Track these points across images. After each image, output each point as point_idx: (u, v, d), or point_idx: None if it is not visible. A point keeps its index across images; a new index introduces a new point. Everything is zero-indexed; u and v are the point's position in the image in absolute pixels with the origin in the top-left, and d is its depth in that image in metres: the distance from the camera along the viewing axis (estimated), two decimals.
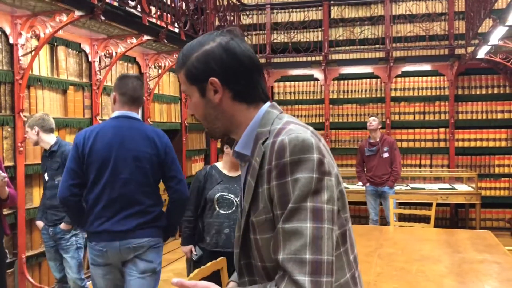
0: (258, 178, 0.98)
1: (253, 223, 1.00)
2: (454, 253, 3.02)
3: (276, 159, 0.95)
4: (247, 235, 1.04)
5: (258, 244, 1.00)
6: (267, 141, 0.99)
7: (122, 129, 2.39)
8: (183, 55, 1.08)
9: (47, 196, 3.36)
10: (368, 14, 7.07)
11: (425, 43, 6.70)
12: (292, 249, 0.90)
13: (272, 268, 0.98)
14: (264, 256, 1.00)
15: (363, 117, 7.10)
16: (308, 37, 7.17)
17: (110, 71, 4.89)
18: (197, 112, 1.10)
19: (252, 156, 1.02)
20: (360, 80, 7.17)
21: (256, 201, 0.99)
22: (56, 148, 3.35)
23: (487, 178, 6.69)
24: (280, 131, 0.98)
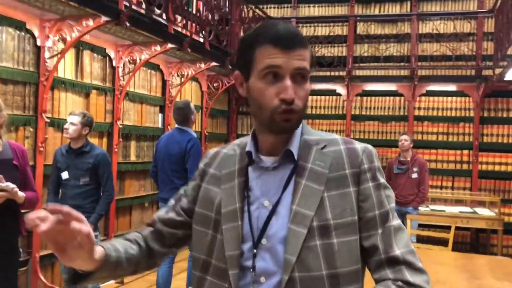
0: (330, 182, 0.99)
1: (327, 227, 0.97)
2: (472, 279, 2.92)
3: (369, 162, 1.02)
4: (307, 243, 0.96)
5: (331, 249, 0.96)
6: (329, 148, 1.03)
7: (168, 136, 3.90)
8: (302, 35, 1.00)
9: (68, 196, 3.32)
10: (394, 31, 7.01)
11: (451, 63, 6.60)
12: (404, 243, 0.98)
13: (345, 275, 0.96)
14: (338, 262, 0.96)
15: (385, 134, 7.01)
16: (333, 52, 7.14)
17: (133, 77, 4.95)
18: (305, 98, 1.00)
19: (304, 159, 1.02)
20: (383, 98, 7.09)
21: (322, 205, 0.98)
22: (88, 149, 3.36)
23: (510, 204, 6.50)
24: (348, 141, 1.06)
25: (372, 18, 7.08)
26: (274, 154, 1.05)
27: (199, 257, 1.07)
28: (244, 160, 1.08)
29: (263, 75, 0.97)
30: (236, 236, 1.02)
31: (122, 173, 5.04)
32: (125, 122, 5.03)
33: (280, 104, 0.96)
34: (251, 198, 1.04)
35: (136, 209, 5.34)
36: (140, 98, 5.28)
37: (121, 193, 5.07)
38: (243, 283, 1.01)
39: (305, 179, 1.00)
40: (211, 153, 1.18)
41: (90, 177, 3.35)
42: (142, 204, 5.44)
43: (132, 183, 5.27)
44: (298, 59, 0.97)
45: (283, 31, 0.97)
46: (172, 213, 1.16)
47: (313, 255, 0.96)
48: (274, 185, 1.03)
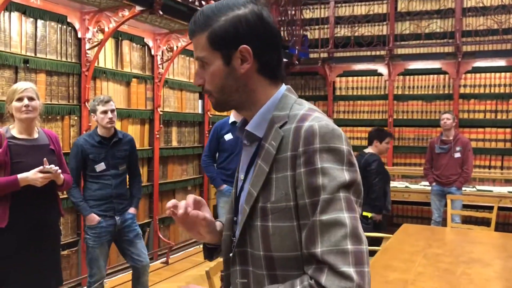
0: (274, 163, 0.95)
1: (266, 210, 0.95)
2: (509, 258, 2.84)
3: (305, 145, 0.91)
4: (250, 221, 0.98)
5: (267, 232, 0.95)
6: (286, 126, 0.96)
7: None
8: (204, 16, 0.98)
9: (113, 186, 3.21)
10: (436, 7, 6.76)
11: (499, 37, 6.29)
12: (332, 241, 0.86)
13: (279, 259, 0.95)
14: (272, 245, 0.95)
15: (429, 114, 6.82)
16: (372, 31, 6.99)
17: (171, 65, 5.09)
18: (213, 82, 1.00)
19: (265, 139, 0.98)
20: (426, 76, 6.87)
21: (269, 187, 0.95)
22: (121, 135, 3.30)
23: None
24: (305, 117, 0.95)
25: None
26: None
27: None
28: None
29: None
30: (230, 203, 1.13)
31: (164, 158, 5.22)
32: (166, 109, 5.19)
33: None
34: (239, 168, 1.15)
35: (179, 192, 5.53)
36: (180, 85, 5.42)
37: (164, 177, 5.26)
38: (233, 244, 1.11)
39: (260, 159, 0.99)
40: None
41: (126, 163, 3.34)
42: (185, 187, 5.62)
43: (175, 168, 5.45)
44: (195, 48, 1.02)
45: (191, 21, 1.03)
46: None
47: (255, 234, 0.98)
48: (246, 161, 1.07)
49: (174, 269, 4.82)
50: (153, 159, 4.98)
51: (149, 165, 4.99)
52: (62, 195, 3.64)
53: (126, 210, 3.31)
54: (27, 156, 2.53)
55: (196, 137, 5.79)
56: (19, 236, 2.51)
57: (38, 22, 3.75)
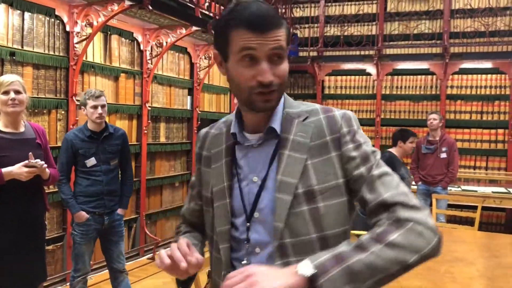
0: (310, 151, 1.03)
1: (313, 192, 1.01)
2: (491, 257, 2.89)
3: (347, 126, 1.05)
4: (292, 210, 1.01)
5: (318, 213, 1.01)
6: (311, 119, 1.07)
7: None
8: (277, 13, 1.03)
9: (104, 182, 3.16)
10: (425, 8, 6.82)
11: (486, 39, 6.37)
12: (393, 186, 1.00)
13: (333, 236, 1.02)
14: (325, 224, 1.02)
15: (416, 114, 6.89)
16: (361, 30, 7.03)
17: (161, 60, 5.07)
18: (284, 76, 1.03)
19: (287, 132, 1.06)
20: (414, 76, 6.94)
21: (306, 173, 1.02)
22: (112, 130, 3.24)
23: None
24: (328, 109, 1.09)
25: None
26: (258, 131, 1.09)
27: (208, 233, 1.18)
28: (230, 139, 1.13)
29: (240, 58, 1.00)
30: (224, 213, 1.09)
31: (152, 153, 5.20)
32: (154, 105, 5.17)
33: (257, 85, 1.00)
34: (241, 175, 1.10)
35: (167, 188, 5.52)
36: (169, 81, 5.40)
37: (152, 173, 5.24)
38: (238, 255, 1.09)
39: (288, 150, 1.04)
40: (201, 135, 1.23)
41: (118, 158, 3.29)
42: (173, 184, 5.61)
43: (162, 164, 5.44)
44: (273, 40, 0.99)
45: (256, 13, 0.98)
46: (192, 202, 1.27)
47: (301, 220, 1.01)
48: (260, 161, 1.08)
49: None
50: (140, 155, 4.96)
51: (137, 160, 4.97)
52: (48, 189, 3.62)
53: (117, 207, 3.27)
54: (12, 150, 2.50)
55: (184, 133, 5.78)
56: (3, 230, 2.48)
57: (25, 15, 3.70)
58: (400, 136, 4.26)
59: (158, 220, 5.35)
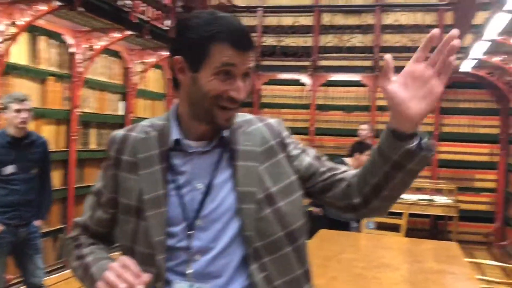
0: (261, 156, 1.10)
1: (271, 195, 1.07)
2: (414, 262, 3.03)
3: (285, 131, 1.17)
4: (256, 215, 1.05)
5: (280, 212, 1.07)
6: (250, 128, 1.13)
7: None
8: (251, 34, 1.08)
9: (22, 192, 3.01)
10: (358, 22, 7.10)
11: (412, 54, 6.69)
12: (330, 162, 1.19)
13: (298, 229, 1.09)
14: (288, 220, 1.08)
15: (348, 124, 7.12)
16: (297, 42, 7.19)
17: (92, 64, 4.89)
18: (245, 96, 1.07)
19: (234, 143, 1.10)
20: (347, 88, 7.18)
21: (259, 178, 1.07)
22: (34, 137, 3.11)
23: (468, 192, 6.71)
24: (261, 118, 1.19)
25: (337, 9, 7.14)
26: (203, 139, 1.09)
27: (125, 244, 1.10)
28: (164, 145, 1.09)
29: (217, 71, 1.01)
30: (161, 222, 1.05)
31: (82, 160, 4.98)
32: (85, 110, 4.97)
33: (227, 98, 1.02)
34: (180, 181, 1.07)
35: None
36: (100, 85, 5.22)
37: (81, 181, 5.02)
38: (173, 264, 1.05)
39: (241, 161, 1.08)
40: (118, 138, 1.15)
41: (39, 167, 3.13)
42: None
43: (93, 171, 5.22)
44: (249, 60, 1.03)
45: (240, 31, 1.01)
46: (98, 211, 1.16)
47: (268, 223, 1.06)
48: (205, 168, 1.07)
49: None
50: (68, 162, 4.73)
51: (64, 168, 4.74)
52: None
53: (33, 218, 3.10)
54: None
55: None
56: None
57: None
58: (358, 148, 4.40)
59: None
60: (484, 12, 4.83)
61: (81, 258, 1.12)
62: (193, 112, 1.06)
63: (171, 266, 1.05)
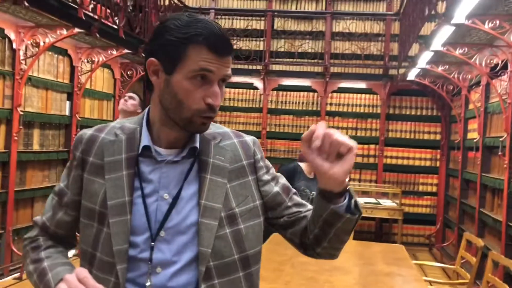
0: (231, 174, 1.06)
1: (234, 215, 1.04)
2: (365, 265, 3.09)
3: (259, 153, 1.13)
4: (218, 233, 1.01)
5: (240, 234, 1.04)
6: (224, 142, 1.09)
7: None
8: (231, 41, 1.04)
9: None
10: (309, 28, 7.22)
11: (361, 62, 6.93)
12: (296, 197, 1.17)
13: (253, 256, 1.06)
14: (246, 245, 1.05)
15: (299, 128, 7.21)
16: (250, 45, 7.21)
17: (37, 61, 4.67)
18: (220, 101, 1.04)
19: (205, 154, 1.06)
20: (298, 93, 7.28)
21: (226, 196, 1.04)
22: None
23: (411, 195, 6.98)
24: (237, 134, 1.14)
25: (288, 14, 7.24)
26: (174, 147, 1.05)
27: (85, 249, 1.05)
28: (132, 150, 1.05)
29: (193, 75, 0.97)
30: (124, 230, 1.00)
31: (23, 162, 4.74)
32: (28, 109, 4.73)
33: (207, 109, 0.99)
34: (146, 190, 1.03)
35: (39, 201, 5.06)
36: (45, 84, 4.99)
37: (22, 184, 4.77)
38: (134, 275, 1.01)
39: (209, 174, 1.04)
40: (85, 138, 1.09)
41: None
42: (46, 196, 5.13)
43: (35, 174, 4.98)
44: (227, 66, 1.01)
45: (219, 36, 0.98)
46: (60, 212, 1.11)
47: (225, 243, 1.02)
48: (174, 179, 1.03)
49: (29, 284, 4.36)
50: (9, 164, 4.48)
51: (4, 170, 4.48)
52: None
53: None
54: None
55: (61, 141, 5.37)
56: None
57: None
58: None
59: None
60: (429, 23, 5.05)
61: (37, 261, 1.06)
62: (165, 116, 1.03)
63: (131, 277, 1.01)
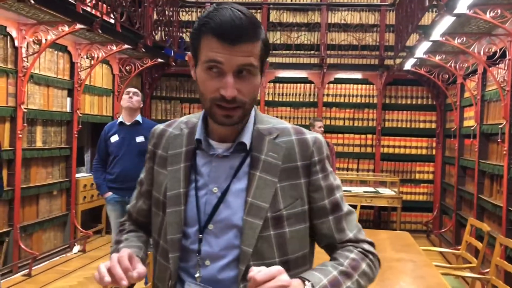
0: (282, 173, 1.02)
1: (280, 217, 1.01)
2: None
3: (318, 154, 1.06)
4: (262, 233, 1.00)
5: (284, 238, 1.02)
6: (282, 138, 1.05)
7: None
8: (255, 24, 0.94)
9: None
10: (305, 20, 7.26)
11: (357, 52, 7.00)
12: (354, 224, 1.09)
13: (294, 260, 1.04)
14: (289, 249, 1.03)
15: (296, 120, 7.28)
16: None
17: (38, 59, 4.66)
18: (253, 93, 0.98)
19: (258, 151, 1.03)
20: (295, 84, 7.34)
21: (275, 196, 1.01)
22: None
23: (408, 184, 7.10)
24: (298, 130, 1.08)
25: (284, 6, 7.27)
26: (226, 141, 1.05)
27: (154, 236, 1.13)
28: (191, 143, 1.08)
29: (206, 67, 0.95)
30: (177, 221, 1.04)
31: (28, 160, 4.75)
32: (30, 106, 4.73)
33: (220, 97, 0.95)
34: (199, 183, 1.05)
35: (44, 197, 5.07)
36: (46, 81, 4.98)
37: (27, 181, 4.78)
38: (187, 265, 1.04)
39: (259, 171, 1.02)
40: (157, 132, 1.15)
41: None
42: (50, 192, 5.18)
43: (39, 171, 4.99)
44: (242, 55, 0.93)
45: (228, 22, 0.91)
46: (139, 201, 1.20)
47: (267, 244, 1.01)
48: (224, 173, 1.04)
49: (38, 281, 4.41)
50: (14, 161, 4.49)
51: (10, 167, 4.49)
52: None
53: None
54: None
55: (63, 137, 5.37)
56: None
57: None
58: None
59: (34, 232, 4.90)
60: (427, 13, 5.12)
61: (118, 242, 1.16)
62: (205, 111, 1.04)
63: (184, 266, 1.05)
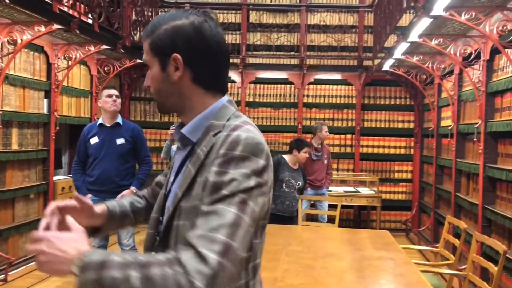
0: (201, 167, 1.00)
1: (181, 208, 1.02)
2: (355, 251, 3.21)
3: (227, 149, 0.95)
4: (172, 221, 1.04)
5: (178, 230, 1.02)
6: (219, 134, 1.01)
7: None
8: (152, 25, 1.09)
9: None
10: (285, 21, 7.29)
11: (337, 53, 7.05)
12: (207, 227, 0.88)
13: None
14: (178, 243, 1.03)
15: (277, 120, 7.30)
16: (226, 39, 7.20)
17: (13, 59, 4.56)
18: (153, 85, 1.10)
19: (198, 144, 1.05)
20: (275, 85, 7.36)
21: (192, 188, 1.01)
22: None
23: (387, 183, 7.19)
24: (237, 127, 0.99)
25: (264, 7, 7.28)
26: None
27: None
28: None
29: None
30: (158, 203, 1.15)
31: (3, 163, 4.64)
32: (5, 108, 4.63)
33: None
34: (171, 172, 1.17)
35: (20, 201, 4.97)
36: (22, 82, 4.88)
37: (2, 185, 4.68)
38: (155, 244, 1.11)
39: (190, 163, 1.05)
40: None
41: None
42: (27, 195, 5.07)
43: (14, 174, 4.89)
44: (144, 52, 1.12)
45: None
46: (162, 176, 1.31)
47: (174, 233, 1.04)
48: (177, 164, 1.13)
49: (15, 286, 4.32)
50: None
51: None
52: None
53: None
54: None
55: (40, 139, 5.27)
56: None
57: None
58: (295, 145, 4.51)
59: (10, 237, 4.79)
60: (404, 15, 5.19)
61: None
62: None
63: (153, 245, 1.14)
